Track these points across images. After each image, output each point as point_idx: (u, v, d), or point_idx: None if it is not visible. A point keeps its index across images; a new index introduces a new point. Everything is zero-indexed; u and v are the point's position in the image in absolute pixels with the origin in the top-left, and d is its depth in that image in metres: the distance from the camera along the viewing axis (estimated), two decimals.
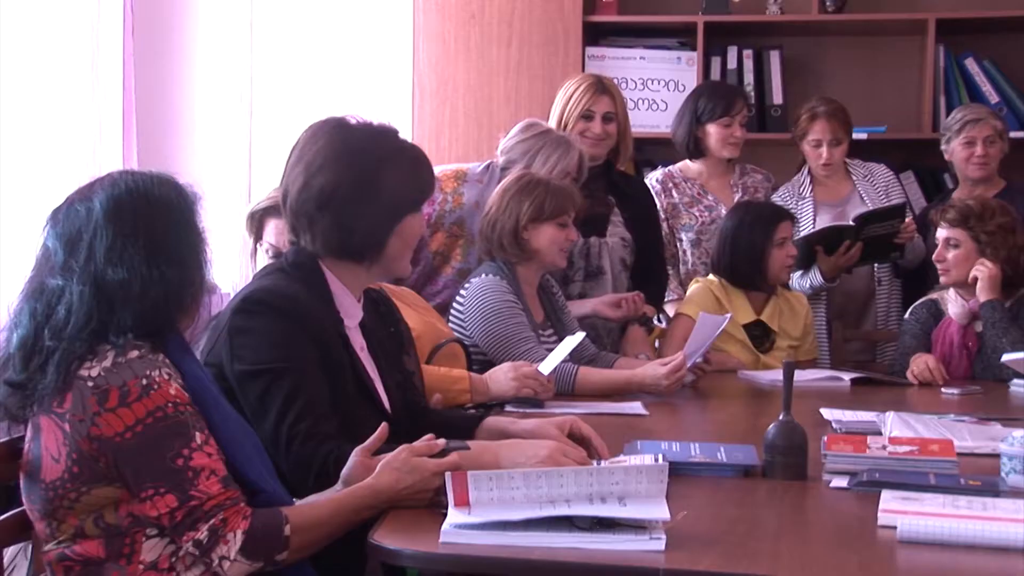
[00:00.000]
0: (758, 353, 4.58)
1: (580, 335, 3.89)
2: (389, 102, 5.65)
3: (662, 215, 5.00)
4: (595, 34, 5.84)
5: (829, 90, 5.59)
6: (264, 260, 3.58)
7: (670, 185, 5.11)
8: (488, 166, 4.51)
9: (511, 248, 4.01)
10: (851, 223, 4.87)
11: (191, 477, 2.18)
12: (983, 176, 5.03)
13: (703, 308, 4.51)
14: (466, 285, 4.03)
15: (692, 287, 4.72)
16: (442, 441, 2.39)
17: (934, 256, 4.43)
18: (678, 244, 5.08)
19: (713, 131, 5.05)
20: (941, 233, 4.41)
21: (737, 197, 5.10)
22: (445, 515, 2.16)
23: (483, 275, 4.00)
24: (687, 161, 5.18)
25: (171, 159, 4.32)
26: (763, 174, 5.27)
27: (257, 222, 3.70)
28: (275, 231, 3.60)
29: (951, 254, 4.37)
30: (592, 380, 3.84)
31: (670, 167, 5.21)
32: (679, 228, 5.07)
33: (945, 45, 5.60)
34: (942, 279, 4.43)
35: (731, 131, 5.04)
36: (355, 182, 2.68)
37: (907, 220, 4.90)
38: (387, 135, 2.77)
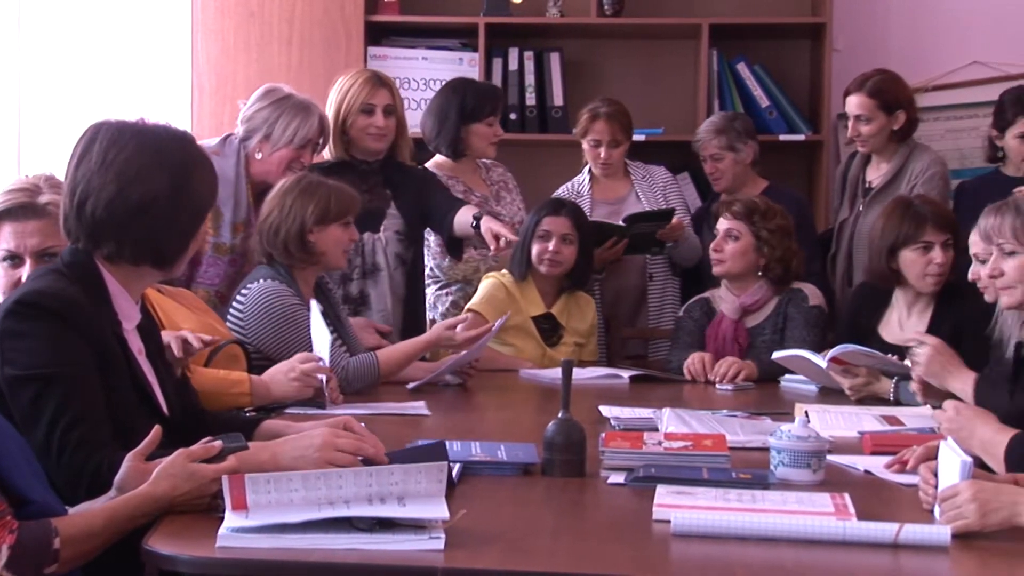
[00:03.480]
0: (545, 346, 4.63)
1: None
2: (167, 100, 5.55)
3: None
4: (377, 34, 5.83)
5: (608, 92, 5.67)
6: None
7: (442, 179, 4.95)
8: (225, 139, 4.38)
9: (297, 252, 3.92)
10: (621, 223, 4.95)
11: None
12: (722, 189, 5.20)
13: (494, 302, 4.55)
14: (243, 291, 3.91)
15: (484, 282, 4.72)
16: (219, 443, 2.35)
17: (712, 246, 4.53)
18: None
19: (481, 130, 4.98)
20: (723, 225, 4.52)
21: (494, 191, 5.09)
22: (223, 519, 2.13)
23: (261, 280, 3.89)
24: (437, 159, 5.07)
25: None
26: (502, 166, 5.25)
27: None
28: (13, 235, 2.98)
29: (730, 246, 4.48)
30: (393, 356, 3.90)
31: (427, 164, 5.05)
32: None
33: (718, 50, 5.75)
34: (715, 269, 4.54)
35: (494, 130, 5.01)
36: (173, 191, 2.60)
37: (675, 220, 4.99)
38: (190, 140, 2.73)
